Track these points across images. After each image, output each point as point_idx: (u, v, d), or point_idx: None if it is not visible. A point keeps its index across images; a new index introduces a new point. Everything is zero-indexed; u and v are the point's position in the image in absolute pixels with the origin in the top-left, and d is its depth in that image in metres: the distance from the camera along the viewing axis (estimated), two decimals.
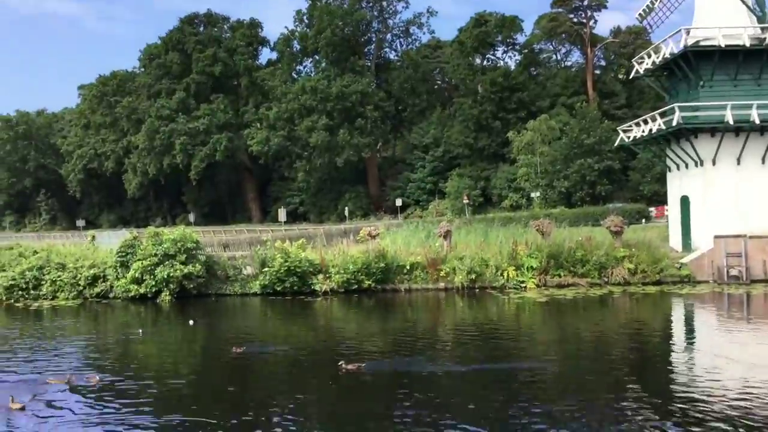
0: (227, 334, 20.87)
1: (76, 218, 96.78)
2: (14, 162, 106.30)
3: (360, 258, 29.32)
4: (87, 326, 25.01)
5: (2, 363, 17.35)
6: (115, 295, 30.93)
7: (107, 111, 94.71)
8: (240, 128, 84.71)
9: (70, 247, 37.88)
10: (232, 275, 31.47)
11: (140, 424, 11.26)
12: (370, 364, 15.04)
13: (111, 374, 15.07)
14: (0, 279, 32.23)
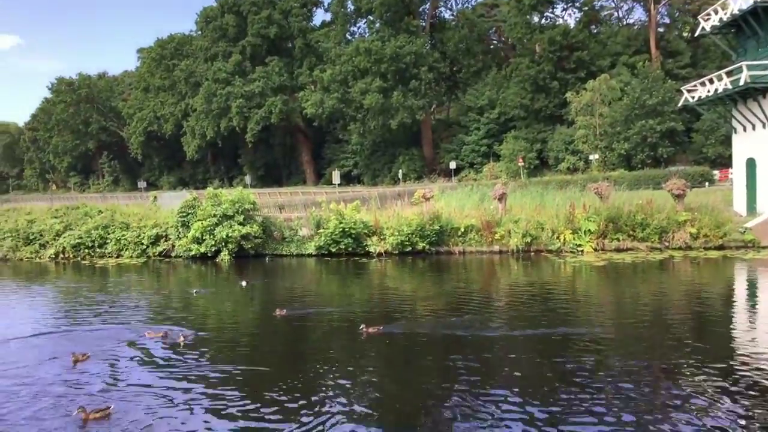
0: (280, 294, 21.29)
1: (137, 180, 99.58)
2: (77, 125, 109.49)
3: (414, 220, 29.37)
4: (150, 284, 25.89)
5: (82, 315, 18.23)
6: (177, 254, 31.90)
7: (166, 74, 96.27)
8: (294, 91, 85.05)
9: (133, 208, 39.06)
10: (288, 236, 31.99)
11: (202, 373, 11.70)
12: (417, 324, 15.19)
13: (156, 330, 15.63)
14: (67, 237, 33.57)
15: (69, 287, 25.06)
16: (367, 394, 10.51)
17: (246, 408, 10.02)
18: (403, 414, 9.77)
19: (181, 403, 10.37)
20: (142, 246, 32.55)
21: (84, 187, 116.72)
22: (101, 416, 9.67)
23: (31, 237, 34.59)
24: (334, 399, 10.25)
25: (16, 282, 27.10)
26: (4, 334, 15.78)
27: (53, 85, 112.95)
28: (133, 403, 10.41)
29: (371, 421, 9.35)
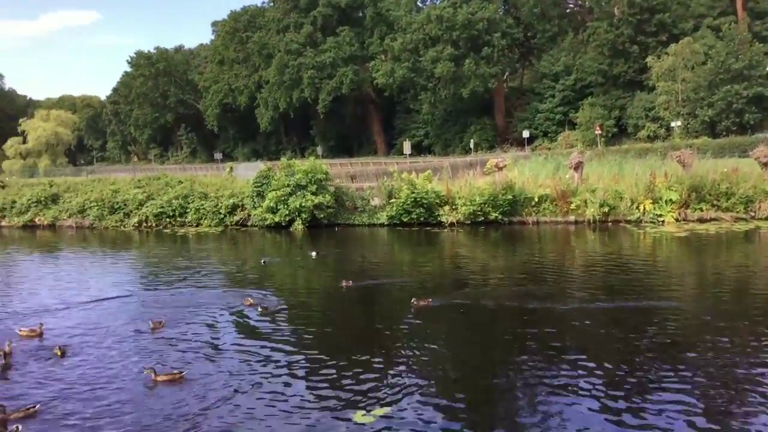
0: (350, 264, 21.47)
1: (213, 151, 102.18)
2: (156, 97, 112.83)
3: (487, 190, 29.02)
4: (227, 252, 26.64)
5: (163, 281, 18.99)
6: (252, 223, 32.65)
7: (239, 47, 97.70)
8: (365, 61, 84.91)
9: (210, 178, 40.13)
10: (360, 206, 32.19)
11: (270, 342, 11.96)
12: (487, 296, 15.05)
13: (234, 297, 16.02)
14: (150, 207, 34.83)
15: (152, 254, 26.08)
16: (435, 367, 10.46)
17: (315, 380, 10.13)
18: (474, 387, 9.71)
19: (254, 367, 10.62)
20: (219, 215, 33.46)
21: (163, 158, 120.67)
22: (171, 379, 9.99)
23: (116, 206, 36.04)
24: (401, 372, 10.21)
25: (102, 249, 28.38)
26: (92, 296, 16.65)
27: (132, 59, 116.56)
28: (207, 366, 10.73)
29: (441, 393, 9.33)
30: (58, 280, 20.22)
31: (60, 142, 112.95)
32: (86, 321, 14.14)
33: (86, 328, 13.51)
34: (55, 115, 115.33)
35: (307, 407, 8.85)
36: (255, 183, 32.80)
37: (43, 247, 30.24)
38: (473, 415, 8.51)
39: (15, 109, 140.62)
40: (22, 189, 41.46)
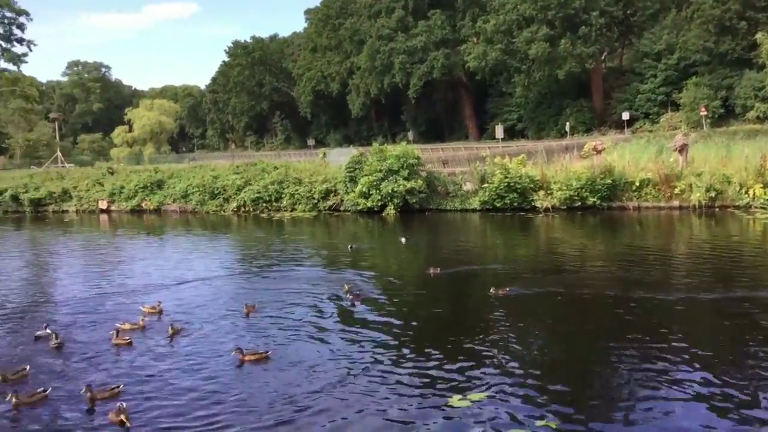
0: (441, 250, 21.33)
1: (306, 138, 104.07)
2: (252, 86, 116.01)
3: (584, 174, 28.16)
4: (321, 236, 27.14)
5: (260, 263, 19.59)
6: (345, 208, 33.09)
7: (332, 33, 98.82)
8: (457, 44, 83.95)
9: (304, 164, 40.91)
10: (452, 191, 31.98)
11: (353, 326, 12.06)
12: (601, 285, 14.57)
13: (324, 281, 16.22)
14: (247, 192, 35.91)
15: (249, 238, 26.92)
16: (528, 354, 10.23)
17: (407, 365, 10.10)
18: (570, 375, 9.43)
19: (345, 352, 10.70)
20: (313, 200, 34.09)
21: (259, 145, 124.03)
22: (258, 358, 10.21)
23: (216, 192, 37.37)
24: (494, 358, 10.04)
25: (204, 232, 29.54)
26: (196, 276, 17.41)
27: (230, 49, 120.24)
28: (299, 350, 10.89)
29: (536, 380, 9.11)
30: (166, 260, 21.20)
31: (163, 131, 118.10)
32: (191, 300, 14.74)
33: (191, 306, 14.09)
34: (158, 105, 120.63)
35: (401, 390, 8.85)
36: (347, 168, 33.17)
37: (150, 230, 31.77)
38: (569, 404, 8.26)
39: (122, 99, 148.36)
40: (130, 175, 43.65)
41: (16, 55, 70.32)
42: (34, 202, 42.13)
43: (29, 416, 8.49)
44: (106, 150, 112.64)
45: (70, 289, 16.88)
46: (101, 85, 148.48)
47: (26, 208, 42.10)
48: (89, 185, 42.68)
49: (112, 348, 11.25)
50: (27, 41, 71.13)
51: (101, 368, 10.34)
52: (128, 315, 13.30)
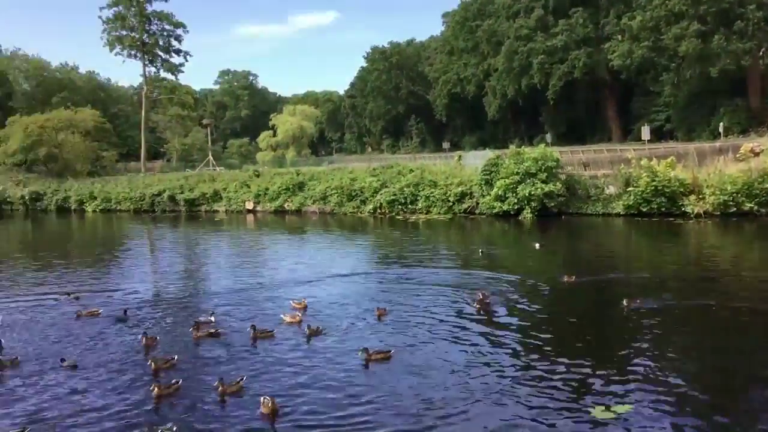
0: (576, 257, 20.50)
1: (441, 141, 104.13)
2: (389, 90, 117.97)
3: (740, 178, 26.13)
4: (455, 239, 26.99)
5: (403, 264, 19.83)
6: (480, 211, 32.74)
7: (469, 36, 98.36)
8: (600, 42, 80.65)
9: (439, 167, 40.96)
10: (593, 194, 30.80)
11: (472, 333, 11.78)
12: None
13: (455, 285, 16.01)
14: (383, 194, 36.47)
15: (385, 239, 27.30)
16: (673, 367, 9.63)
17: (543, 373, 9.80)
18: (719, 391, 8.77)
19: (478, 358, 10.57)
20: (448, 203, 34.04)
21: (395, 148, 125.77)
22: (382, 358, 10.42)
23: (353, 194, 38.28)
24: (637, 371, 9.53)
25: (341, 233, 30.33)
26: (334, 273, 17.97)
27: (368, 55, 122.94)
28: (413, 349, 10.95)
29: (681, 393, 8.55)
30: (307, 258, 22.02)
31: (304, 135, 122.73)
32: (329, 297, 15.22)
33: (329, 303, 14.55)
34: (300, 110, 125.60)
35: (542, 399, 8.64)
36: (483, 171, 32.82)
37: (292, 230, 33.07)
38: (717, 419, 7.66)
39: (267, 105, 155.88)
40: (274, 178, 45.70)
41: (173, 65, 75.76)
42: (188, 202, 45.17)
43: (167, 406, 8.98)
44: (252, 154, 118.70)
45: (221, 282, 18.06)
46: (249, 93, 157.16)
47: (182, 207, 45.20)
48: (237, 187, 45.14)
49: (256, 341, 11.80)
50: (184, 52, 76.43)
51: (243, 360, 10.87)
52: (275, 309, 14.06)
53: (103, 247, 29.85)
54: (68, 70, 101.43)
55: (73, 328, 13.22)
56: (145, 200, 46.40)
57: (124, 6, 70.52)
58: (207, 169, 66.82)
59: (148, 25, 72.07)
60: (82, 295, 16.24)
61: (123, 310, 14.34)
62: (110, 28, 71.19)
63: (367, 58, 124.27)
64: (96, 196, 48.45)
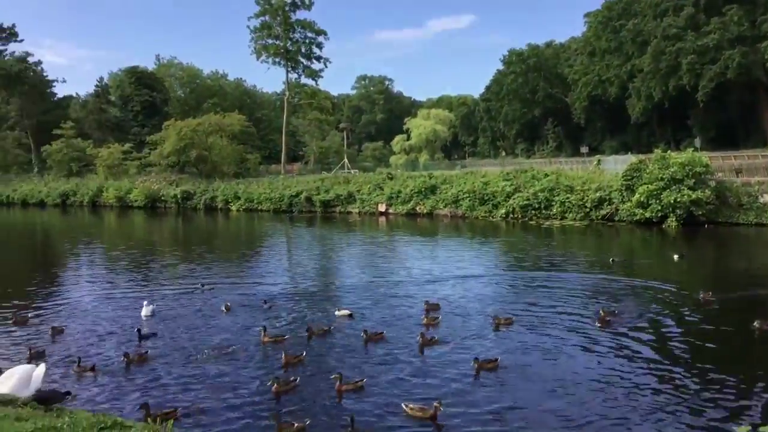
0: (721, 271, 18.97)
1: (579, 145, 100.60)
2: (525, 93, 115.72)
3: None
4: (591, 246, 25.91)
5: (532, 270, 19.39)
6: (620, 218, 31.27)
7: (612, 36, 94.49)
8: (756, 41, 74.74)
9: (576, 171, 39.62)
10: (746, 203, 28.57)
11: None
12: None
13: (589, 296, 15.26)
14: (516, 199, 35.76)
15: (516, 244, 26.73)
16: None
17: (680, 391, 9.28)
18: None
19: (613, 374, 10.07)
20: (585, 209, 32.81)
21: (530, 153, 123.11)
22: (491, 367, 10.26)
23: (485, 198, 37.82)
24: None
25: (472, 236, 30.04)
26: (466, 274, 17.78)
27: (505, 58, 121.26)
28: (544, 361, 10.67)
29: None
30: (437, 261, 22.02)
31: (437, 139, 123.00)
32: (456, 299, 15.17)
33: (457, 306, 14.52)
34: (434, 114, 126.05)
35: (684, 417, 8.26)
36: (624, 176, 31.35)
37: (423, 232, 33.20)
38: None
39: (401, 109, 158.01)
40: (406, 181, 46.07)
41: (314, 71, 78.63)
42: (324, 203, 46.55)
43: (283, 402, 9.18)
44: (386, 157, 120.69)
45: (354, 279, 18.55)
46: (384, 97, 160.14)
47: (317, 208, 46.67)
48: (370, 189, 45.96)
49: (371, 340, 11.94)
50: (324, 59, 79.07)
51: (359, 358, 11.07)
52: (406, 309, 14.26)
53: (245, 243, 31.51)
54: (218, 77, 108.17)
55: (213, 318, 14.00)
56: (284, 201, 48.32)
57: (270, 16, 74.08)
58: (342, 171, 68.66)
59: (292, 33, 75.22)
60: (224, 287, 17.25)
61: (264, 300, 15.31)
62: (257, 37, 75.09)
63: (503, 61, 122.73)
64: (240, 196, 51.11)
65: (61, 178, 68.30)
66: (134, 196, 55.84)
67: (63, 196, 61.98)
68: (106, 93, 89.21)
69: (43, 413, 6.48)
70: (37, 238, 37.70)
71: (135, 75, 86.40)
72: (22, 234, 40.23)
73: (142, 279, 19.80)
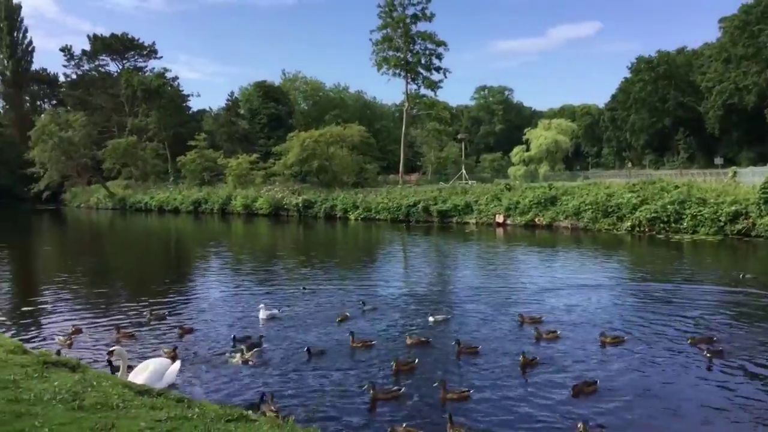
0: None
1: (713, 156, 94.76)
2: (654, 102, 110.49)
3: None
4: (723, 263, 24.29)
5: (652, 286, 18.47)
6: (758, 233, 29.13)
7: (749, 41, 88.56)
8: None
9: (710, 183, 37.37)
10: None
11: None
12: None
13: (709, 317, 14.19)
14: (643, 211, 34.16)
15: (643, 259, 25.50)
16: None
17: None
18: None
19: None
20: (719, 223, 30.82)
21: (658, 164, 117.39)
22: (591, 391, 9.68)
23: (609, 210, 36.38)
24: None
25: (594, 250, 28.95)
26: (580, 287, 17.19)
27: (632, 65, 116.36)
28: (662, 386, 9.98)
29: None
30: (555, 274, 21.41)
31: (559, 149, 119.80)
32: (567, 315, 14.71)
33: (570, 319, 14.06)
34: (555, 124, 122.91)
35: None
36: (763, 189, 29.23)
37: (542, 244, 32.41)
38: None
39: (521, 120, 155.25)
40: (525, 191, 45.20)
41: (433, 82, 78.88)
42: (441, 213, 46.52)
43: (381, 410, 9.18)
44: (504, 168, 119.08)
45: (465, 289, 18.41)
46: (503, 107, 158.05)
47: (434, 218, 46.69)
48: (488, 200, 45.44)
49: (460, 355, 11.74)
50: (443, 69, 79.18)
51: (466, 367, 10.90)
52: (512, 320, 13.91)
53: (363, 250, 32.10)
54: (340, 90, 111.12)
55: (328, 324, 14.35)
56: (401, 210, 48.74)
57: (391, 28, 75.31)
58: (460, 182, 68.43)
59: (413, 45, 76.05)
60: (337, 291, 17.75)
61: (362, 302, 15.96)
62: (378, 50, 76.51)
63: (631, 69, 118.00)
64: (358, 205, 52.09)
65: (194, 187, 72.39)
66: (259, 204, 58.30)
67: (195, 203, 65.76)
68: (236, 106, 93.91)
69: (175, 403, 6.84)
70: (171, 242, 40.17)
71: (263, 89, 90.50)
72: (159, 238, 43.02)
73: (265, 282, 20.61)
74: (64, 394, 6.62)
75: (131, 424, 5.82)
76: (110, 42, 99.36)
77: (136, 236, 45.33)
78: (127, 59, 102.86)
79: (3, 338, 10.51)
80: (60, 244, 39.82)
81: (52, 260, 29.78)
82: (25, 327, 14.35)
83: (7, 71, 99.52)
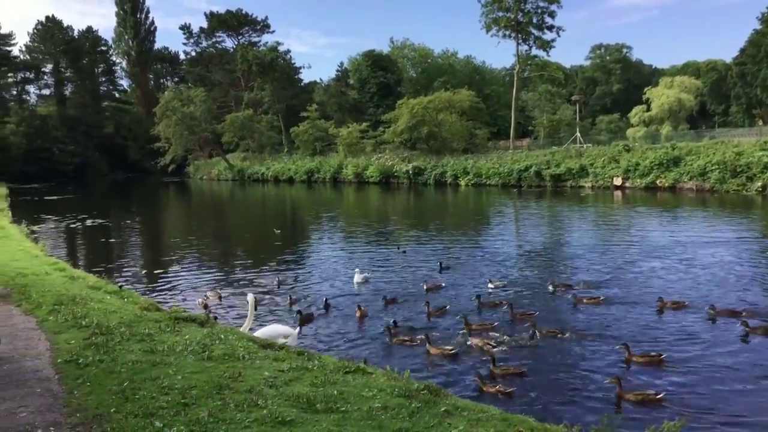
0: None
1: None
2: None
3: None
4: None
5: None
6: None
7: None
8: None
9: None
10: None
11: None
12: None
13: None
14: None
15: None
16: None
17: None
18: None
19: None
20: None
21: None
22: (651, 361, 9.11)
23: (738, 170, 34.09)
24: None
25: (720, 212, 27.29)
26: (702, 261, 16.43)
27: (763, 15, 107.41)
28: None
29: None
30: (677, 240, 20.41)
31: (682, 109, 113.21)
32: (691, 285, 13.85)
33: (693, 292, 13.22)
34: (678, 82, 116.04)
35: None
36: None
37: (665, 207, 30.88)
38: None
39: (641, 78, 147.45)
40: (645, 153, 43.09)
41: (545, 42, 75.96)
42: (554, 177, 45.32)
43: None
44: (622, 130, 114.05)
45: (581, 255, 17.86)
46: (621, 66, 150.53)
47: (547, 183, 45.57)
48: (605, 162, 43.74)
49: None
50: (556, 28, 76.12)
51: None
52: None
53: (474, 215, 31.91)
54: (448, 56, 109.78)
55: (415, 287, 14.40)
56: (513, 175, 47.86)
57: None
58: (574, 145, 66.21)
59: (524, 3, 73.64)
60: (442, 254, 17.81)
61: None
62: (488, 11, 74.57)
63: (761, 19, 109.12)
64: (469, 171, 51.61)
65: (307, 157, 74.30)
66: (370, 173, 59.08)
67: (308, 173, 67.61)
68: (346, 77, 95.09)
69: (296, 356, 7.13)
70: (286, 210, 41.57)
71: (371, 58, 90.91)
72: (275, 206, 44.61)
73: (371, 246, 20.93)
74: (194, 346, 7.04)
75: (256, 373, 6.11)
76: (226, 18, 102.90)
77: (255, 205, 47.19)
78: (242, 35, 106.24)
79: (137, 296, 11.29)
80: (200, 213, 42.17)
81: (204, 227, 31.57)
82: (158, 288, 15.36)
83: (132, 51, 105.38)
